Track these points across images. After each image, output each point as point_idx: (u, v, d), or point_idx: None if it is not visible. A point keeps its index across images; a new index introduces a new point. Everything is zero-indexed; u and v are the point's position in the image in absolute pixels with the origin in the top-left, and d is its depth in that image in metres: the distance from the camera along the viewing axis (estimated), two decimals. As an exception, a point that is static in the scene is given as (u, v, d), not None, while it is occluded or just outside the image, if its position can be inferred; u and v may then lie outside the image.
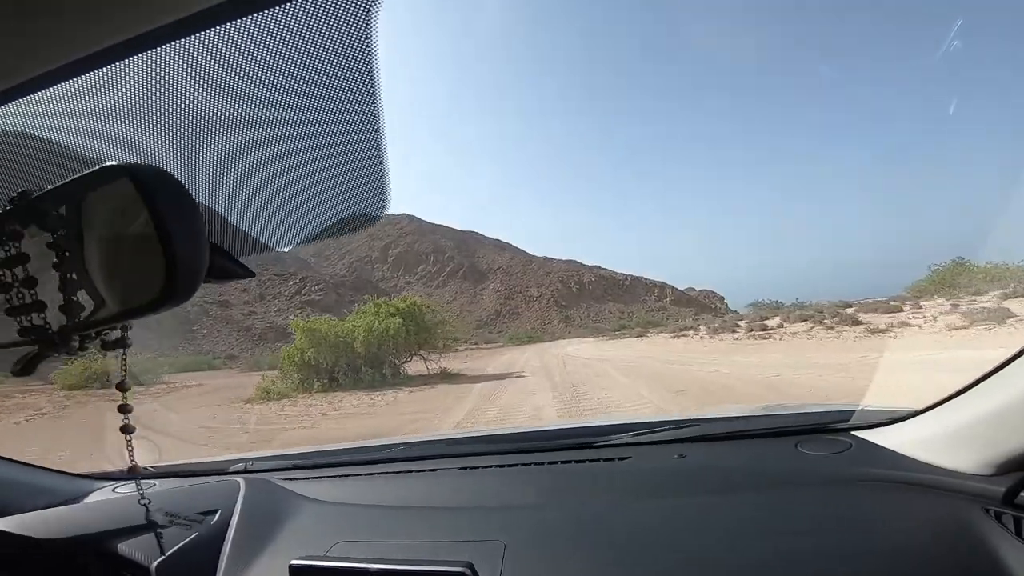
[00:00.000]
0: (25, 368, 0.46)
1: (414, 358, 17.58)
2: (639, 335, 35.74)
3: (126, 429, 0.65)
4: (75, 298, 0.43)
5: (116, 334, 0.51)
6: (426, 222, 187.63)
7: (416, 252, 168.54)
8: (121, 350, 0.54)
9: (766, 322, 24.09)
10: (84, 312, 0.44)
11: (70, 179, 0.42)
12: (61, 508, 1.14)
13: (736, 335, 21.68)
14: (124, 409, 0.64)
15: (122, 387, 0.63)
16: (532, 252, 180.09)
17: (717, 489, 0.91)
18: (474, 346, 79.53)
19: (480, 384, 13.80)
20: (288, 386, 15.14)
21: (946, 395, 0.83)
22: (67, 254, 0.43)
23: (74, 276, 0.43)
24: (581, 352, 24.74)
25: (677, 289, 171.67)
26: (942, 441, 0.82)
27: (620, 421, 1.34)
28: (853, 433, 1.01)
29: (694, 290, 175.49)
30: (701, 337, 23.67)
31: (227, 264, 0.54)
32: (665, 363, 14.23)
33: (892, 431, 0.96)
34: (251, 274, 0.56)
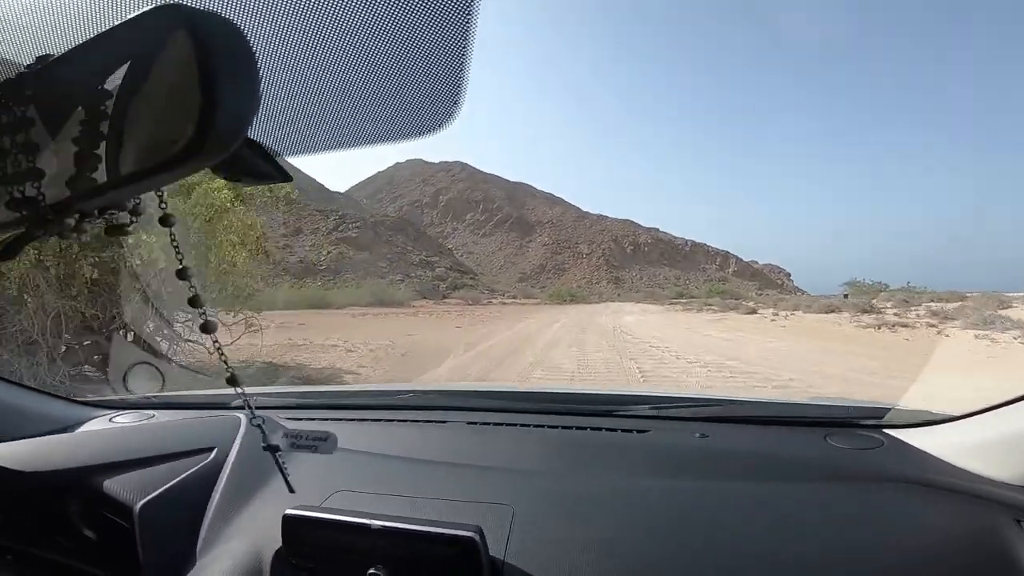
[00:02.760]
0: (7, 250, 0.39)
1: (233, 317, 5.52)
2: (750, 311, 20.67)
3: (207, 328, 0.52)
4: (80, 166, 0.35)
5: (124, 217, 0.41)
6: (479, 170, 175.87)
7: (466, 200, 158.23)
8: (127, 236, 0.44)
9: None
10: (87, 183, 0.36)
11: (104, 32, 0.35)
12: (49, 437, 1.01)
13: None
14: (195, 302, 0.50)
15: (183, 275, 0.49)
16: (586, 209, 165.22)
17: (740, 473, 0.86)
18: (510, 299, 69.69)
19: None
20: None
21: (989, 405, 0.80)
22: (81, 114, 0.35)
23: (82, 136, 0.35)
24: (656, 332, 12.34)
25: (742, 260, 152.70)
26: (981, 448, 0.79)
27: (642, 393, 1.30)
28: (885, 431, 0.93)
29: (757, 263, 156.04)
30: (939, 333, 10.42)
31: (263, 165, 0.47)
32: None
33: (927, 433, 0.89)
34: (288, 178, 0.49)
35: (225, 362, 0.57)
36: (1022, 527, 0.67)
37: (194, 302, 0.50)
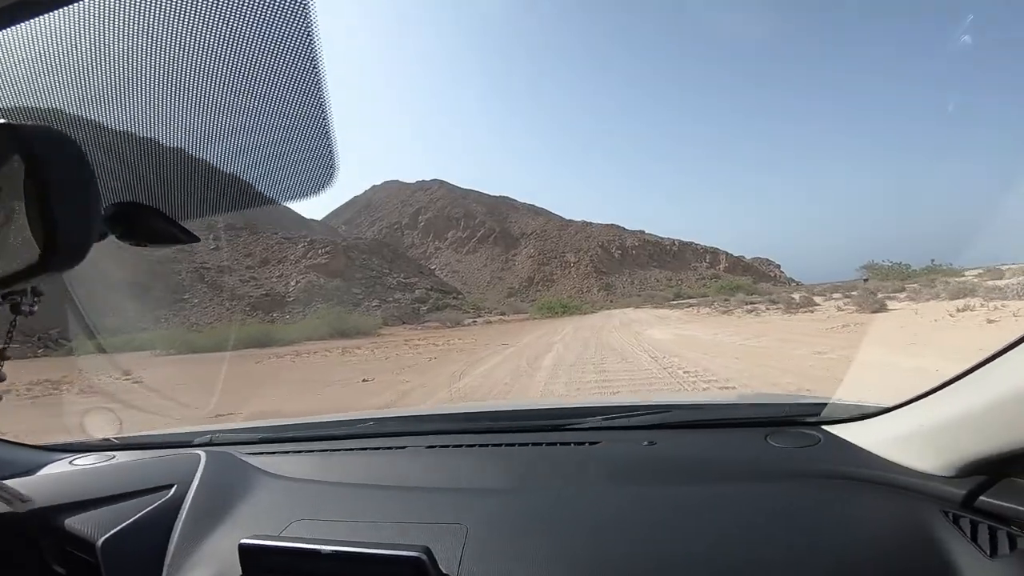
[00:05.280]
0: None
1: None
2: (877, 307, 12.36)
3: None
4: None
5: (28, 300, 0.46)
6: (457, 187, 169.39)
7: (446, 217, 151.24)
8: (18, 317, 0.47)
9: None
10: None
11: None
12: (8, 481, 1.00)
13: None
14: None
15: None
16: (569, 217, 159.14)
17: (684, 478, 0.87)
18: (497, 316, 62.31)
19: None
20: None
21: (918, 393, 0.79)
22: None
23: None
24: (772, 373, 4.69)
25: (731, 255, 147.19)
26: (908, 440, 0.78)
27: (593, 404, 1.34)
28: (823, 427, 0.95)
29: (745, 258, 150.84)
30: None
31: (167, 228, 0.50)
32: None
33: (861, 427, 0.90)
34: (194, 239, 0.52)
35: None
36: (949, 518, 0.67)
37: None
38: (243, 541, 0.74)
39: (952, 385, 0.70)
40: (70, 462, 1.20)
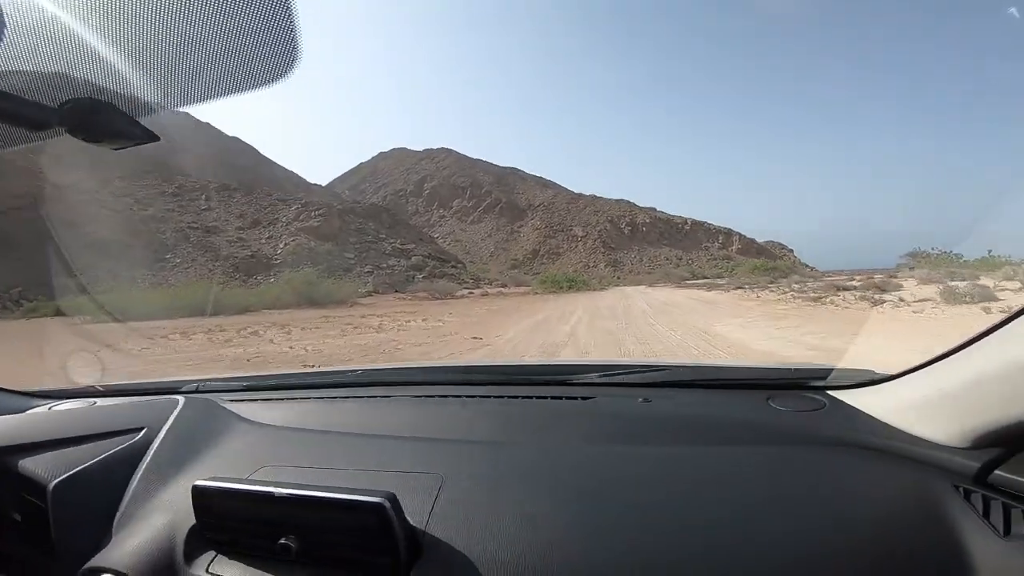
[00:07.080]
0: None
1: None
2: None
3: None
4: None
5: None
6: (465, 156, 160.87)
7: (452, 186, 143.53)
8: None
9: None
10: None
11: None
12: None
13: None
14: None
15: None
16: (578, 190, 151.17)
17: (680, 438, 0.82)
18: (497, 288, 56.59)
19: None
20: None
21: (927, 359, 0.74)
22: None
23: None
24: None
25: (745, 237, 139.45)
26: (919, 408, 0.72)
27: (591, 362, 1.27)
28: (828, 392, 0.90)
29: (757, 241, 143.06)
30: None
31: (126, 126, 0.46)
32: None
33: (869, 393, 0.84)
34: (155, 138, 0.48)
35: None
36: (960, 492, 0.62)
37: None
38: (196, 482, 0.70)
39: (966, 349, 0.65)
40: (50, 408, 1.15)
